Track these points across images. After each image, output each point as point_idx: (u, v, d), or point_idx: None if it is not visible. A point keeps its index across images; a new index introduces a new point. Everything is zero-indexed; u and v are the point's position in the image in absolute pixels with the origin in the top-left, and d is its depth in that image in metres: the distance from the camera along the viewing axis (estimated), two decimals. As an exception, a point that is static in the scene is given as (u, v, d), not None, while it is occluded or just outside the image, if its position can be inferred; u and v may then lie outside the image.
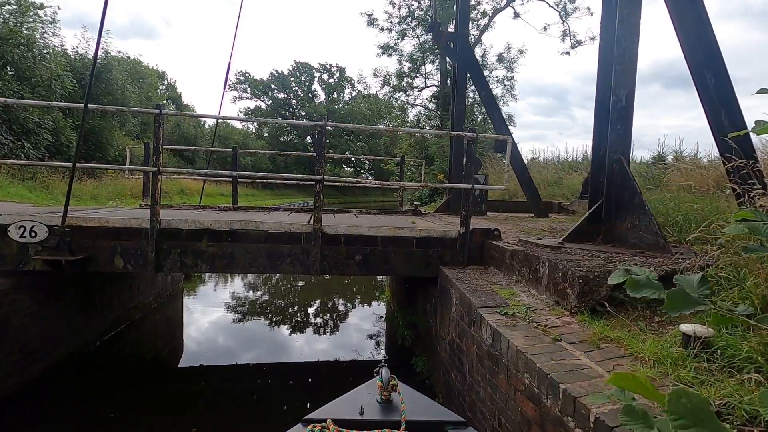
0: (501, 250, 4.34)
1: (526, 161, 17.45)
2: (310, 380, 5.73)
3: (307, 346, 6.79)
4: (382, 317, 8.34)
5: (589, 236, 4.29)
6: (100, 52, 20.45)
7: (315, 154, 4.63)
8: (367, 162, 53.55)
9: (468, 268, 4.56)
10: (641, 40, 4.16)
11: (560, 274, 3.19)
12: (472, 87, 13.42)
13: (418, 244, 4.75)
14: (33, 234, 3.96)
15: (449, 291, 4.02)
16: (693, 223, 4.28)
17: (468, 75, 9.43)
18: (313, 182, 4.55)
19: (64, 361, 5.10)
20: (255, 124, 52.90)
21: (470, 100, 21.48)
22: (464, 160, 9.70)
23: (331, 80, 55.29)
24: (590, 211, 4.35)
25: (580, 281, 2.96)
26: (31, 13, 18.13)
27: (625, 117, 4.13)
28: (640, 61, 4.44)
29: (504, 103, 26.01)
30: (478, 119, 21.94)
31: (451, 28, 15.96)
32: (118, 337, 6.29)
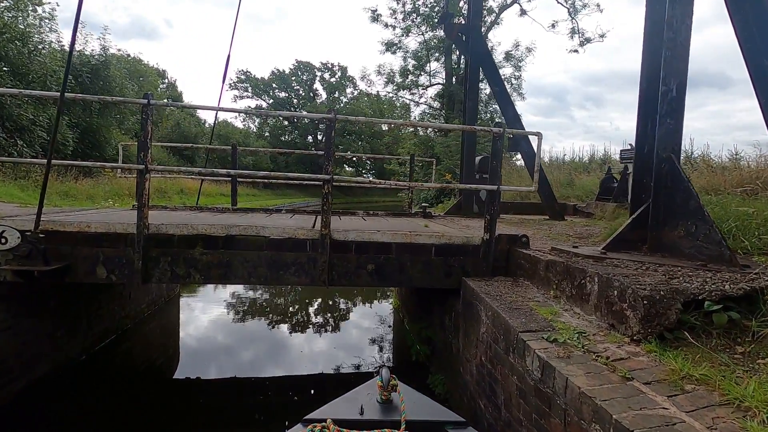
0: (533, 260, 3.85)
1: (521, 162, 16.98)
2: (312, 392, 5.29)
3: (311, 355, 6.34)
4: (390, 326, 7.86)
5: (632, 245, 3.79)
6: (98, 49, 20.14)
7: (321, 152, 4.13)
8: (368, 162, 53.06)
9: (494, 279, 4.06)
10: (638, 41, 3.69)
11: (616, 292, 2.70)
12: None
13: (438, 252, 4.25)
14: (3, 240, 3.47)
15: (476, 307, 3.53)
16: (752, 231, 3.80)
17: (480, 70, 8.94)
18: (320, 182, 4.07)
19: (45, 378, 4.62)
20: (256, 123, 52.43)
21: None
22: (476, 158, 9.22)
23: (333, 79, 54.78)
24: (633, 216, 3.85)
25: (645, 302, 2.46)
26: (30, 8, 17.74)
27: (676, 109, 3.64)
28: (638, 62, 3.99)
29: (510, 102, 25.47)
30: (485, 117, 21.43)
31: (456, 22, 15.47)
32: (107, 350, 5.80)
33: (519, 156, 18.66)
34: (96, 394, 4.74)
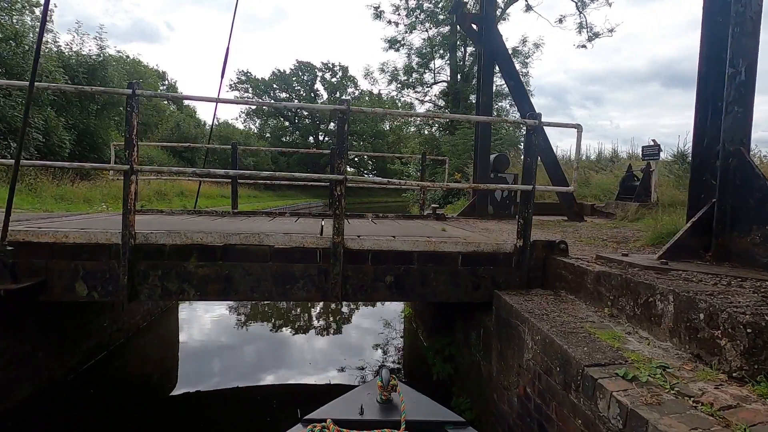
0: (577, 271, 3.34)
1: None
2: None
3: (316, 366, 5.87)
4: (401, 335, 7.37)
5: (693, 252, 3.29)
6: (95, 49, 19.72)
7: (326, 151, 3.62)
8: (371, 162, 52.54)
9: (531, 293, 3.56)
10: (636, 41, 3.21)
11: (702, 315, 2.19)
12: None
13: (465, 261, 3.74)
14: (-35, 254, 2.98)
15: (517, 328, 3.02)
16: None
17: (494, 62, 8.44)
18: (327, 183, 3.57)
19: (22, 405, 4.12)
20: (257, 124, 52.00)
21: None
22: (491, 156, 8.71)
23: (334, 79, 54.30)
24: (693, 220, 3.34)
25: (749, 331, 1.96)
26: (27, 10, 17.39)
27: (745, 95, 3.13)
28: (637, 61, 3.51)
29: (516, 99, 24.95)
30: (493, 115, 20.90)
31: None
32: (98, 368, 5.30)
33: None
34: (83, 419, 4.27)
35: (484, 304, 3.79)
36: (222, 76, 6.54)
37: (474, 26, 8.27)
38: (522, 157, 13.64)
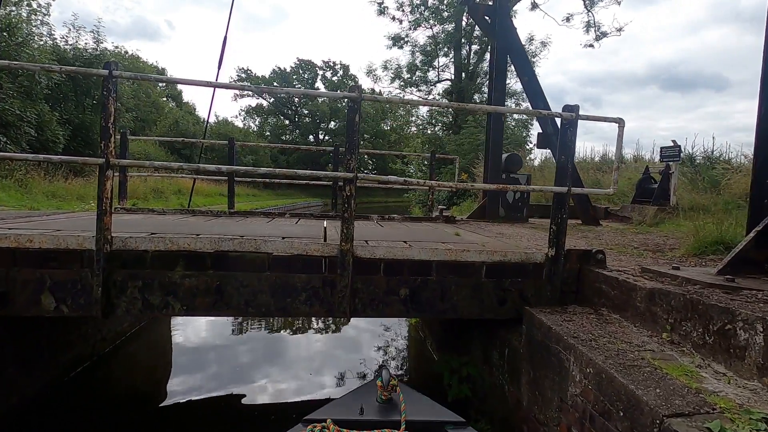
0: (623, 287, 2.89)
1: (538, 161, 16.06)
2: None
3: (322, 375, 5.43)
4: (406, 341, 6.92)
5: (758, 266, 2.85)
6: (91, 43, 19.30)
7: (329, 148, 3.16)
8: (371, 162, 52.14)
9: (568, 310, 3.11)
10: (634, 43, 2.77)
11: (809, 352, 1.75)
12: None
13: (489, 273, 3.30)
14: None
15: (557, 353, 2.57)
16: None
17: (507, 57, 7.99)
18: (334, 182, 3.12)
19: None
20: (256, 122, 51.57)
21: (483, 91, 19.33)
22: (503, 156, 8.26)
23: (335, 78, 53.92)
24: (758, 228, 2.90)
25: None
26: (25, 3, 17.07)
27: (823, 85, 2.69)
28: (635, 63, 3.06)
29: (523, 99, 24.50)
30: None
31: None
32: (78, 381, 4.85)
33: (533, 155, 17.78)
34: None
35: (510, 321, 3.35)
36: (220, 64, 6.09)
37: (487, 18, 7.82)
38: (531, 159, 13.09)
